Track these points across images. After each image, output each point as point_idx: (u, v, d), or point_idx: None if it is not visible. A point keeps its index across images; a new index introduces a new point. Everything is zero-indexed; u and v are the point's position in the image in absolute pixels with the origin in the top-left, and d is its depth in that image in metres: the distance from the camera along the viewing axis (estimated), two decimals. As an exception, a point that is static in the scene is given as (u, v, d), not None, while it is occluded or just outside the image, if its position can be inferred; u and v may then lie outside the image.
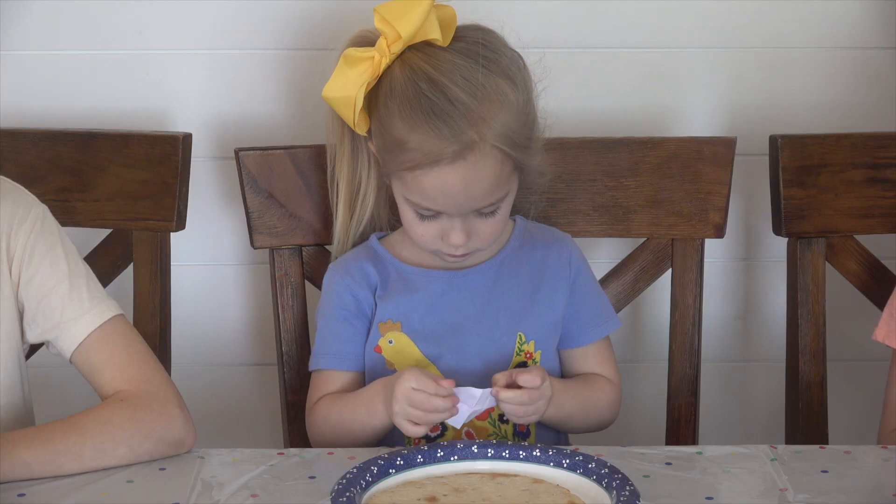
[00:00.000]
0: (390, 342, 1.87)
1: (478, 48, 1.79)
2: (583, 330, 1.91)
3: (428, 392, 1.71)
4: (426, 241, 1.84)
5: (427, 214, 1.81)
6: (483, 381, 1.84)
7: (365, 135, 1.87)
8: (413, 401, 1.72)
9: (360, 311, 1.89)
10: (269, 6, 2.21)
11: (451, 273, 1.89)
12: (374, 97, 1.82)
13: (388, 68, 1.80)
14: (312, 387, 1.91)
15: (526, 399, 1.74)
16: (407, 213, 1.83)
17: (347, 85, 1.80)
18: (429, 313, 1.87)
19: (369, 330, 1.89)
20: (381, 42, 1.79)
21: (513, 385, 1.75)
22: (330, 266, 1.94)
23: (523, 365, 1.87)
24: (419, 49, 1.79)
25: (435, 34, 1.79)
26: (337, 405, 1.85)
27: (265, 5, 2.21)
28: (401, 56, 1.79)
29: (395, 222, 1.94)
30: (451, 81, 1.76)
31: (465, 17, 1.85)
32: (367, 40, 1.83)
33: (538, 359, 1.88)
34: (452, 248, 1.82)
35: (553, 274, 1.91)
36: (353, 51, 1.80)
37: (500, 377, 1.75)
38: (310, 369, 1.92)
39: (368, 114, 1.84)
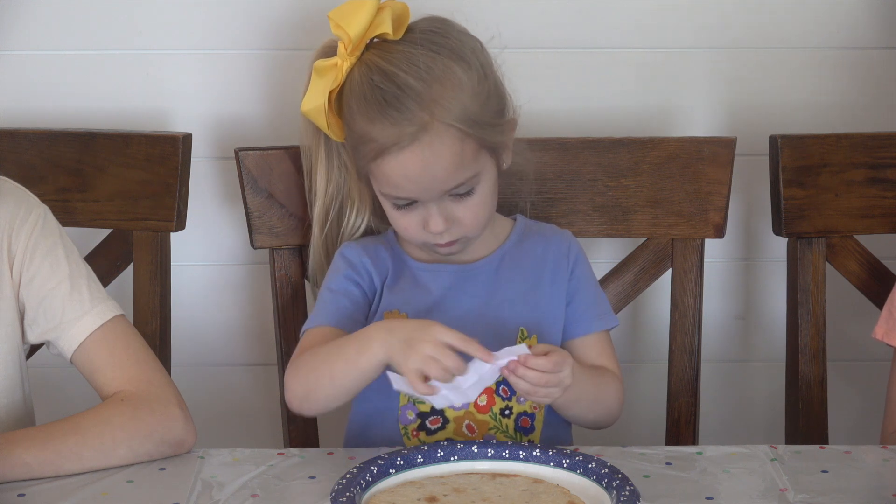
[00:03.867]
0: None
1: (427, 35, 1.82)
2: (580, 319, 1.91)
3: (458, 350, 1.63)
4: (411, 233, 1.85)
5: (401, 204, 1.83)
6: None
7: (343, 142, 1.89)
8: (443, 356, 1.63)
9: (369, 283, 1.89)
10: (270, 6, 2.21)
11: (456, 268, 1.89)
12: (341, 101, 1.85)
13: (350, 71, 1.83)
14: (301, 342, 1.85)
15: (540, 381, 1.67)
16: (387, 209, 1.86)
17: (318, 95, 1.84)
18: (434, 308, 1.87)
19: (367, 315, 1.89)
20: (340, 47, 1.83)
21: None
22: (347, 242, 1.93)
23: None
24: (376, 47, 1.83)
25: (384, 28, 1.82)
26: (324, 346, 1.78)
27: (265, 6, 2.21)
28: (360, 57, 1.83)
29: (382, 230, 1.95)
30: (400, 69, 1.79)
31: (463, 17, 1.85)
32: (334, 49, 1.85)
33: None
34: (435, 236, 1.83)
35: (553, 267, 1.91)
36: (321, 62, 1.84)
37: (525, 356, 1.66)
38: (302, 333, 1.87)
39: (342, 120, 1.87)
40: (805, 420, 2.07)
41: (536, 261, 1.91)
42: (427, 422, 1.84)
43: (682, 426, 2.08)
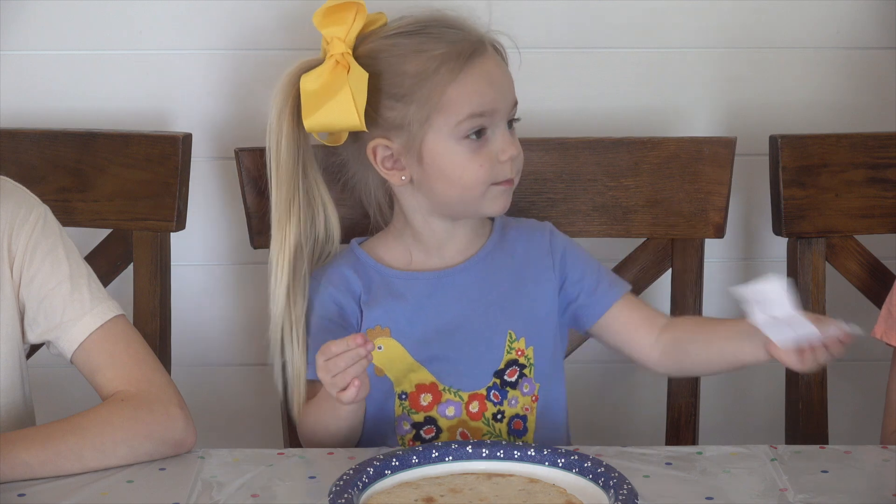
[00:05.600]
0: (380, 348, 1.84)
1: (420, 14, 1.84)
2: (599, 296, 1.90)
3: (339, 351, 1.66)
4: (482, 174, 1.81)
5: (480, 130, 1.79)
6: (476, 381, 1.84)
7: (366, 130, 1.82)
8: (330, 368, 1.67)
9: (343, 319, 1.87)
10: (270, 6, 2.21)
11: (436, 274, 1.88)
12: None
13: (357, 58, 1.81)
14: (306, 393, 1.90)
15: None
16: (458, 157, 1.80)
17: (330, 92, 1.80)
18: (416, 317, 1.86)
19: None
20: (335, 42, 1.82)
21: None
22: (312, 274, 1.90)
23: (514, 363, 1.86)
24: (375, 34, 1.84)
25: (376, 17, 1.85)
26: (311, 407, 1.84)
27: (265, 5, 2.21)
28: (356, 51, 1.82)
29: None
30: (425, 19, 1.82)
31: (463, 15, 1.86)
32: (313, 64, 1.85)
33: (531, 355, 1.87)
34: (509, 164, 1.81)
35: (536, 267, 1.90)
36: (308, 75, 1.82)
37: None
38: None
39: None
40: (805, 420, 2.07)
41: (519, 262, 1.89)
42: (421, 431, 1.84)
43: (682, 426, 2.08)
